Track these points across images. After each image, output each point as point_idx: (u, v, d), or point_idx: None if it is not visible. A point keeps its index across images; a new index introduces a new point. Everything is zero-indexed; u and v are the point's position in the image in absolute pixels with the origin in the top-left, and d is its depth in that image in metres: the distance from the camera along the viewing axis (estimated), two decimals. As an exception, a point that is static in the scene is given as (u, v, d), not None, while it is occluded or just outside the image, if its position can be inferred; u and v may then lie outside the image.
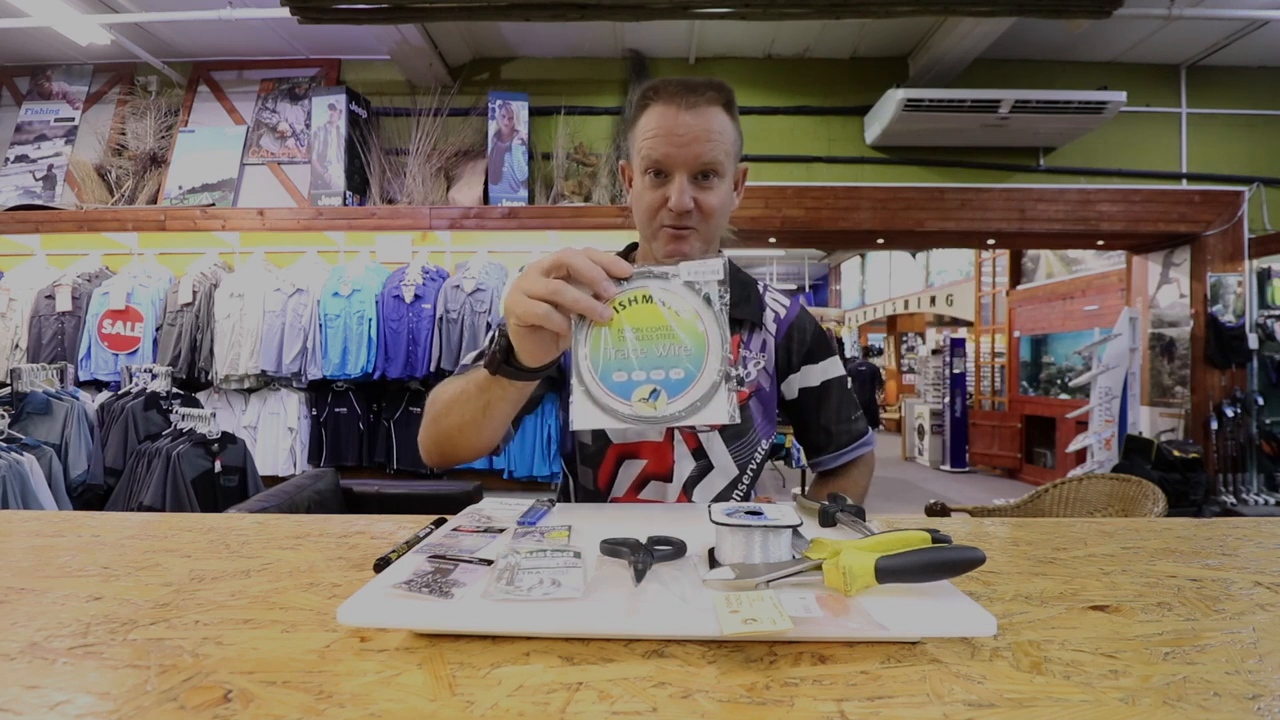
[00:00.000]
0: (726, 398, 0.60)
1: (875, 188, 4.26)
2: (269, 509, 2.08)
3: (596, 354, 0.61)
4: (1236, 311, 4.37)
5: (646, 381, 0.61)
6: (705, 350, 0.61)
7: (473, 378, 0.77)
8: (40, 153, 4.40)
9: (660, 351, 0.61)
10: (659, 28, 4.02)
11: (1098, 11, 3.19)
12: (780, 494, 5.96)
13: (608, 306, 0.61)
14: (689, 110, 0.88)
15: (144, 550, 0.75)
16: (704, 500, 1.02)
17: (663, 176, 0.91)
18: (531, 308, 0.61)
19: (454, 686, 0.42)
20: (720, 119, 0.90)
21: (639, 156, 0.92)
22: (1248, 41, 4.11)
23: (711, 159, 0.89)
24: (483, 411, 0.77)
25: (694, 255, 0.92)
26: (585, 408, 0.61)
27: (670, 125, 0.88)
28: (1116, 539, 0.82)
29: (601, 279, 0.60)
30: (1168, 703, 0.40)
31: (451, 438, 0.83)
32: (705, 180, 0.90)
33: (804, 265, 14.16)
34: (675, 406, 0.60)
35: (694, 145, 0.88)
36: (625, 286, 0.62)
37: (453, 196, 4.09)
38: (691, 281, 0.62)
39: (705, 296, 0.62)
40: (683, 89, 0.89)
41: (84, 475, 3.15)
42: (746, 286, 1.08)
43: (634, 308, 0.62)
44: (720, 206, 0.92)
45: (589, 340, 0.62)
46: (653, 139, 0.89)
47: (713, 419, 0.60)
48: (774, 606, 0.46)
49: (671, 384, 0.61)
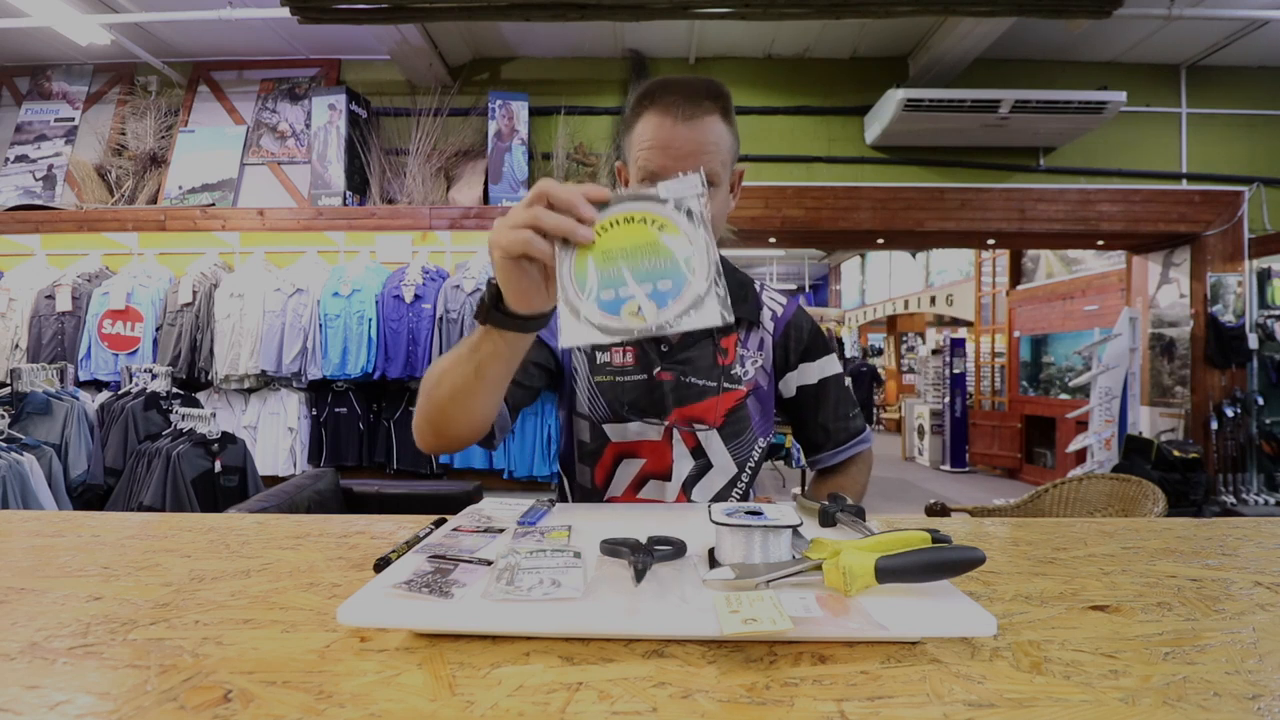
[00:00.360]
0: (718, 300, 0.59)
1: (875, 188, 4.26)
2: (269, 509, 2.08)
3: (583, 275, 0.61)
4: (1236, 311, 4.37)
5: (635, 297, 0.60)
6: (691, 259, 0.60)
7: (465, 341, 0.75)
8: (40, 153, 4.40)
9: (646, 266, 0.60)
10: (659, 28, 4.01)
11: (1098, 11, 3.19)
12: (780, 494, 5.96)
13: (589, 228, 0.60)
14: (685, 123, 0.88)
15: (144, 550, 0.75)
16: (703, 499, 1.02)
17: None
18: (514, 236, 0.61)
19: (454, 686, 0.42)
20: (717, 128, 0.90)
21: (635, 166, 0.92)
22: (1248, 41, 4.11)
23: (709, 170, 0.88)
24: (475, 373, 0.74)
25: None
26: (572, 324, 0.59)
27: (667, 138, 0.88)
28: (1116, 539, 0.82)
29: (580, 202, 0.60)
30: (1168, 703, 0.40)
31: (444, 410, 0.79)
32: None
33: (804, 265, 14.16)
34: (666, 315, 0.59)
35: (690, 160, 0.87)
36: (607, 211, 0.62)
37: (453, 196, 4.09)
38: (670, 198, 0.62)
39: (687, 211, 0.61)
40: (680, 98, 0.88)
41: (84, 475, 3.15)
42: (744, 286, 1.08)
43: (617, 229, 0.61)
44: (717, 215, 0.92)
45: (574, 262, 0.61)
46: (649, 150, 0.89)
47: (706, 322, 0.59)
48: (774, 606, 0.46)
49: (660, 295, 0.60)
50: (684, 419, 1.02)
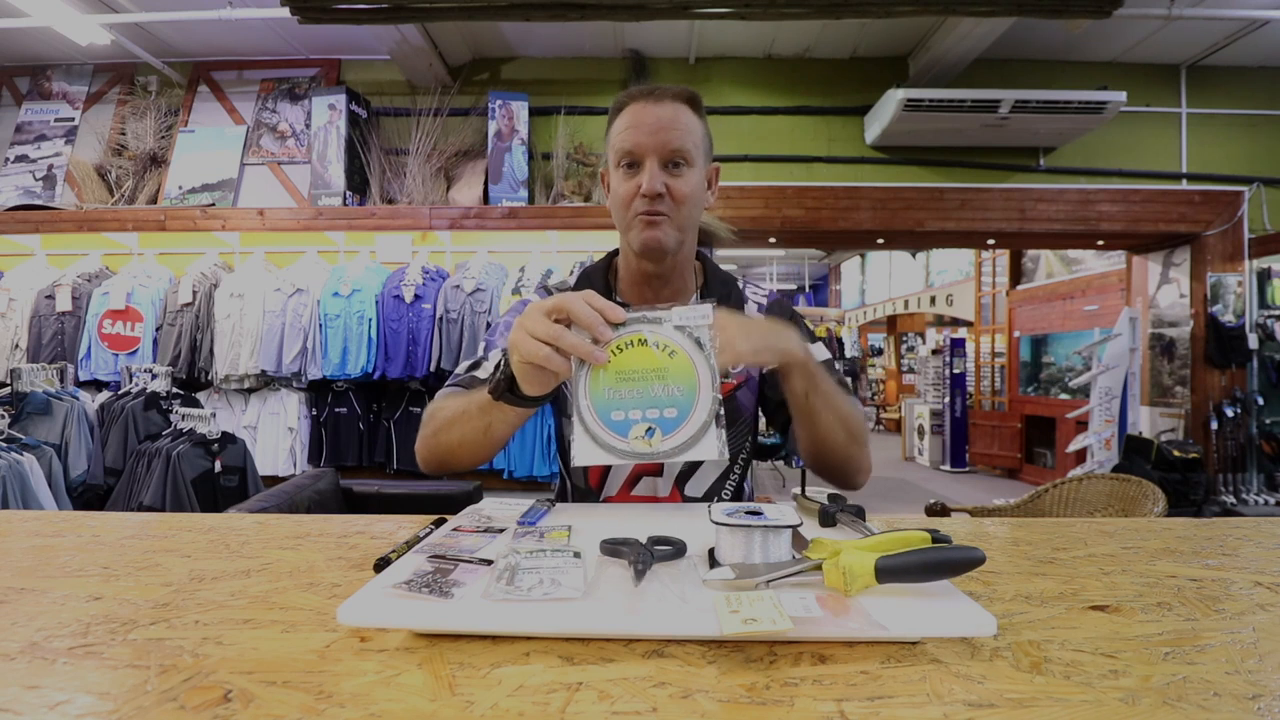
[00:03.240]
0: (716, 436, 0.65)
1: (875, 188, 4.26)
2: (269, 509, 2.07)
3: (596, 394, 0.67)
4: (1236, 311, 4.37)
5: (642, 420, 0.66)
6: (696, 391, 0.67)
7: (474, 399, 0.81)
8: (40, 153, 4.40)
9: (655, 392, 0.67)
10: (659, 28, 4.01)
11: (1098, 11, 3.19)
12: (780, 494, 5.96)
13: (605, 350, 0.66)
14: (656, 104, 0.95)
15: (144, 550, 0.75)
16: (696, 493, 1.04)
17: (635, 167, 0.95)
18: (535, 349, 0.66)
19: (454, 686, 0.42)
20: (687, 114, 0.96)
21: (613, 152, 0.98)
22: (1248, 41, 4.11)
23: (680, 145, 0.94)
24: (484, 432, 0.82)
25: (668, 242, 0.96)
26: (586, 445, 0.66)
27: (639, 117, 0.94)
28: (1116, 539, 0.82)
29: (599, 324, 0.66)
30: (1168, 703, 0.40)
31: (452, 451, 0.87)
32: (675, 168, 0.95)
33: (804, 265, 14.15)
34: (669, 444, 0.66)
35: (662, 133, 0.93)
36: (621, 331, 0.67)
37: (453, 196, 4.09)
38: (682, 326, 0.68)
39: (696, 340, 0.67)
40: (650, 90, 0.96)
41: (84, 475, 3.14)
42: (727, 284, 1.12)
43: (630, 351, 0.67)
44: (691, 195, 0.96)
45: (588, 381, 0.67)
46: (624, 131, 0.95)
47: (703, 455, 0.65)
48: (774, 606, 0.46)
49: (665, 422, 0.66)
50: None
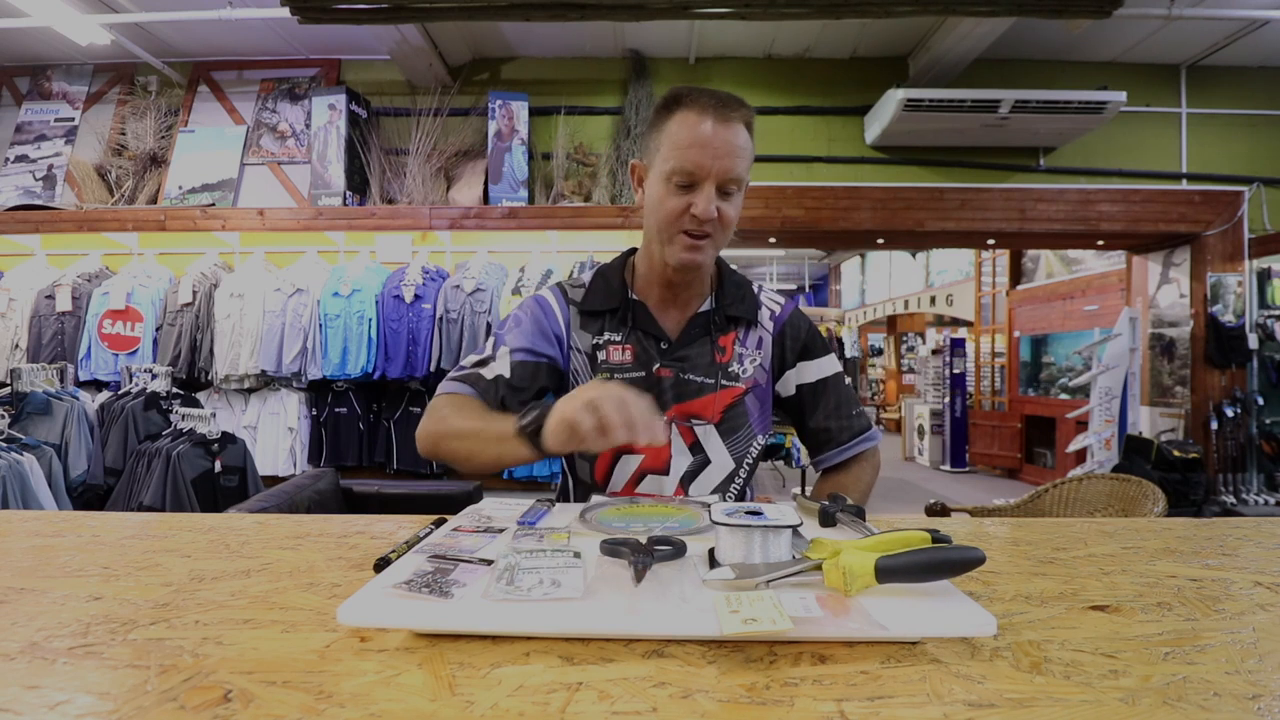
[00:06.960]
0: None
1: (875, 188, 4.26)
2: (269, 509, 2.07)
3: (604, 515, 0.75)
4: (1236, 311, 4.37)
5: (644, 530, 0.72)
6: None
7: (493, 425, 0.84)
8: (40, 153, 4.40)
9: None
10: (659, 28, 4.01)
11: (1098, 11, 3.19)
12: (780, 494, 5.96)
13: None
14: (723, 124, 0.92)
15: (144, 550, 0.75)
16: (700, 494, 1.04)
17: (690, 188, 0.93)
18: (590, 440, 0.70)
19: (454, 686, 0.42)
20: (745, 136, 0.95)
21: (667, 163, 0.94)
22: (1248, 41, 4.11)
23: (738, 174, 0.93)
24: (495, 459, 0.86)
25: (706, 263, 0.98)
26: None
27: (707, 137, 0.91)
28: (1116, 539, 0.82)
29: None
30: (1168, 703, 0.40)
31: (457, 458, 0.91)
32: (727, 193, 0.94)
33: (804, 265, 14.14)
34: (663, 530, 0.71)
35: (727, 159, 0.92)
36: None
37: (453, 196, 4.09)
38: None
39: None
40: (715, 101, 0.93)
41: (84, 475, 3.14)
42: (742, 286, 1.11)
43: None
44: (736, 218, 0.97)
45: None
46: (687, 149, 0.92)
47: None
48: (774, 606, 0.46)
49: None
50: (682, 414, 1.03)
